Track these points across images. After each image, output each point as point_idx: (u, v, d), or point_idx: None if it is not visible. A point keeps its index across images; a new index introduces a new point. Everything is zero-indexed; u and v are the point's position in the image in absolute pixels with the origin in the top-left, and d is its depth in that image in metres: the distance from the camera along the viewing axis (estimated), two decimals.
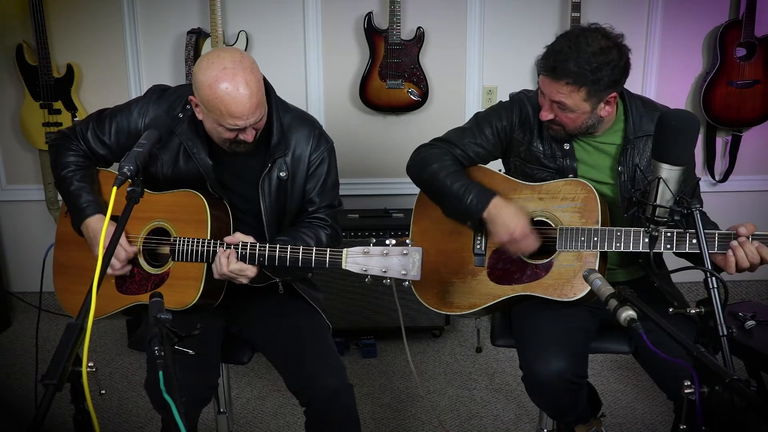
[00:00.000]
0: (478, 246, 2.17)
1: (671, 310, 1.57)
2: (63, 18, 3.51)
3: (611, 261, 2.15)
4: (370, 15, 3.44)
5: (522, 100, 2.19)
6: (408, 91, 3.51)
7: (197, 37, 3.42)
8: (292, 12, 3.53)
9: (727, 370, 1.37)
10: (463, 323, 3.73)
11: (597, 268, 1.98)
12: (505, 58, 3.61)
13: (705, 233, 1.66)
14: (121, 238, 2.06)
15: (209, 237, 2.01)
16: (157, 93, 2.16)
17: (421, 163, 2.20)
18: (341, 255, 1.89)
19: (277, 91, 2.18)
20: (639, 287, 1.65)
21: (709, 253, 1.70)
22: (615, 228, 1.98)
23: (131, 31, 3.52)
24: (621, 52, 1.96)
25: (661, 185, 1.71)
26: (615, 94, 2.00)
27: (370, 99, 3.53)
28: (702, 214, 1.94)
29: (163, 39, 3.55)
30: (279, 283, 2.14)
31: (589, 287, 1.63)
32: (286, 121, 2.12)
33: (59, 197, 3.64)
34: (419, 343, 3.52)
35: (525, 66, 3.61)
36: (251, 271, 1.99)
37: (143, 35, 3.56)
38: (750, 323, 2.53)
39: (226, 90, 1.87)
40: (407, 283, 1.91)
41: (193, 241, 2.01)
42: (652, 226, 1.79)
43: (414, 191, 2.31)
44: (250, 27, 3.51)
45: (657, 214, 1.75)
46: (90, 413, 1.29)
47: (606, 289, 1.54)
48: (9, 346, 3.56)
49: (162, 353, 1.31)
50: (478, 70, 3.62)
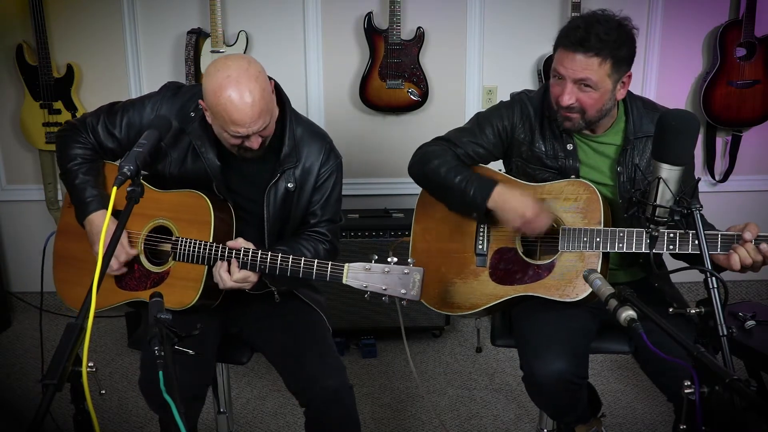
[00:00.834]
0: (480, 246, 2.17)
1: (671, 310, 1.57)
2: (63, 18, 3.51)
3: (612, 262, 2.15)
4: (370, 15, 3.44)
5: (523, 100, 2.19)
6: (408, 91, 3.51)
7: (197, 37, 3.42)
8: (292, 12, 3.53)
9: (727, 370, 1.37)
10: (463, 323, 3.73)
11: (599, 268, 1.99)
12: (505, 58, 3.61)
13: (706, 234, 1.67)
14: (122, 238, 2.06)
15: (212, 239, 2.00)
16: (172, 90, 2.15)
17: (423, 161, 2.20)
18: (342, 269, 1.90)
19: None
20: (640, 288, 1.65)
21: (710, 253, 1.70)
22: (617, 229, 1.98)
23: (131, 31, 3.52)
24: (630, 30, 2.02)
25: (661, 185, 1.71)
26: (631, 73, 2.03)
27: (370, 99, 3.53)
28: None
29: (163, 39, 3.55)
30: (275, 292, 2.13)
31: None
32: (298, 133, 2.12)
33: (59, 197, 3.64)
34: (419, 343, 3.52)
35: (525, 66, 3.61)
36: (254, 278, 1.99)
37: (143, 35, 3.56)
38: (750, 323, 2.53)
39: (228, 98, 1.87)
40: (405, 302, 1.90)
41: (195, 243, 2.00)
42: (652, 226, 1.79)
43: (414, 191, 2.31)
44: (250, 27, 3.51)
45: (657, 214, 1.75)
46: (90, 413, 1.29)
47: (606, 289, 1.54)
48: (9, 346, 3.55)
49: (162, 353, 1.31)
50: (478, 70, 3.62)
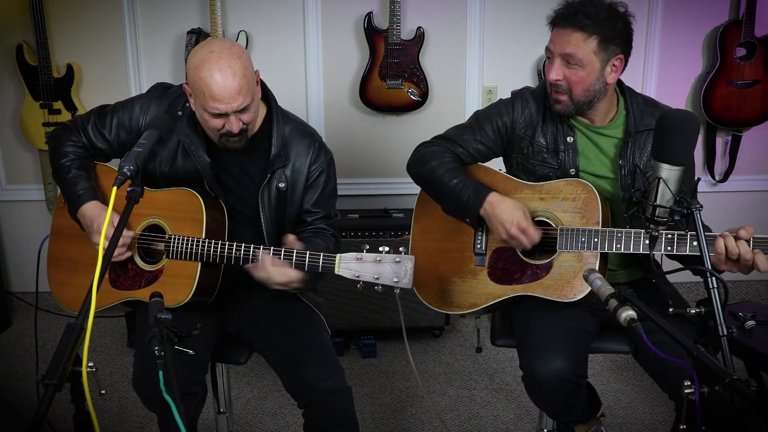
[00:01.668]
0: (478, 245, 2.17)
1: (671, 310, 1.57)
2: (63, 18, 3.51)
3: (612, 262, 2.15)
4: (370, 15, 3.44)
5: (525, 95, 2.20)
6: (408, 91, 3.50)
7: (197, 37, 3.42)
8: (292, 12, 3.53)
9: (727, 370, 1.37)
10: (463, 323, 3.73)
11: (597, 268, 1.98)
12: (505, 58, 3.61)
13: (706, 235, 1.67)
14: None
15: (204, 236, 2.02)
16: (160, 91, 2.17)
17: (421, 160, 2.20)
18: (334, 260, 1.91)
19: (277, 92, 2.18)
20: (639, 288, 1.65)
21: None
22: (615, 229, 1.98)
23: (131, 31, 3.52)
24: (623, 13, 2.03)
25: (661, 185, 1.71)
26: (622, 57, 2.03)
27: (370, 99, 3.53)
28: None
29: (163, 39, 3.55)
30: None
31: (590, 288, 1.63)
32: (286, 132, 2.13)
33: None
34: (419, 343, 3.52)
35: (525, 66, 3.61)
36: (295, 274, 1.97)
37: (143, 35, 3.56)
38: (750, 323, 2.53)
39: (209, 71, 1.89)
40: (398, 291, 1.91)
41: (188, 240, 2.02)
42: (652, 226, 1.79)
43: (414, 191, 2.31)
44: (250, 27, 3.50)
45: (657, 214, 1.75)
46: (90, 413, 1.29)
47: (606, 289, 1.54)
48: (9, 346, 3.56)
49: (162, 353, 1.31)
50: (478, 70, 3.61)
